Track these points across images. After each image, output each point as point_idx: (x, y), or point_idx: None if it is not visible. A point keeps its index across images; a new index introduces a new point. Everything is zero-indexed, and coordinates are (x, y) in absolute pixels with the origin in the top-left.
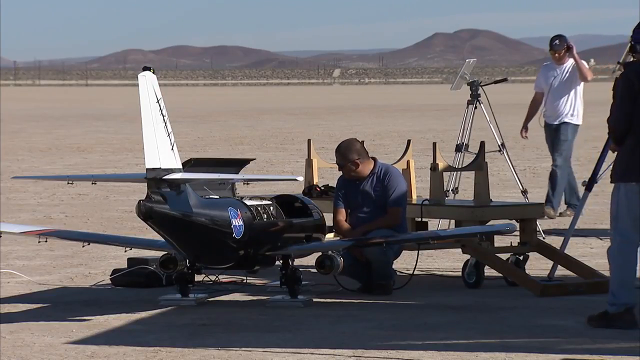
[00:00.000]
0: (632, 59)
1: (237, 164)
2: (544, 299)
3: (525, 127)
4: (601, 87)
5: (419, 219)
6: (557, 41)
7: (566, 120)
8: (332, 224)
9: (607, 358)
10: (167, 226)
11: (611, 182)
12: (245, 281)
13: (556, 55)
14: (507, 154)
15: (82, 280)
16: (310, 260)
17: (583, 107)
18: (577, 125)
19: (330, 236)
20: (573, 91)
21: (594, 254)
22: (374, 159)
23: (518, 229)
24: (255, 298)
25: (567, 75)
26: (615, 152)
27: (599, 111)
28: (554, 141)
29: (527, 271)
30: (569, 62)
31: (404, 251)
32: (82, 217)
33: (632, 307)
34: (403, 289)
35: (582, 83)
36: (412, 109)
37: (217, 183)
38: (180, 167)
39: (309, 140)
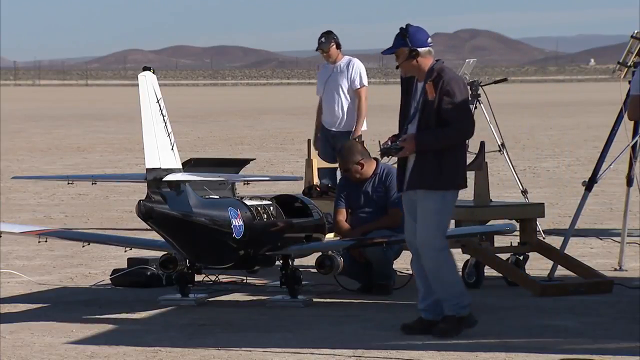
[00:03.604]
0: (635, 59)
1: (237, 164)
2: (544, 299)
3: (317, 139)
4: (602, 87)
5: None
6: (323, 39)
7: (345, 127)
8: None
9: (607, 358)
10: (167, 226)
11: (418, 189)
12: (245, 281)
13: (324, 54)
14: (507, 154)
15: (82, 280)
16: (310, 260)
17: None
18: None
19: (330, 236)
20: (349, 92)
21: (594, 254)
22: (376, 159)
23: (518, 229)
24: (255, 298)
25: (340, 74)
26: (396, 159)
27: (599, 111)
28: (333, 149)
29: (527, 271)
30: (344, 60)
31: (404, 251)
32: (82, 217)
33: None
34: (403, 289)
35: (364, 84)
36: None
37: (217, 183)
38: (180, 167)
39: (309, 140)
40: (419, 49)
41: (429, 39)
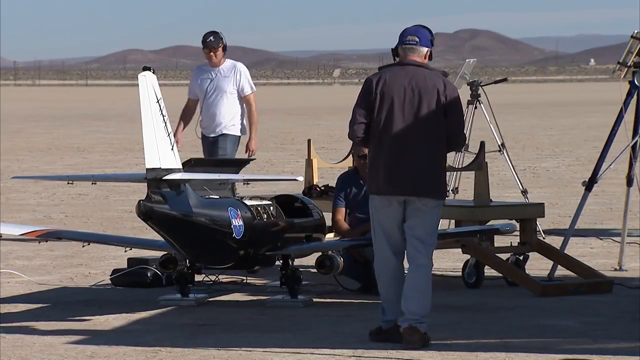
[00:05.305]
0: (635, 59)
1: (237, 164)
2: (544, 299)
3: (176, 139)
4: (601, 87)
5: None
6: (212, 37)
7: (224, 131)
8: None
9: (607, 358)
10: (167, 226)
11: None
12: (245, 281)
13: (211, 54)
14: (507, 154)
15: (82, 280)
16: (310, 260)
17: (242, 116)
18: (238, 136)
19: (330, 236)
20: (232, 97)
21: (594, 254)
22: None
23: (518, 229)
24: (255, 298)
25: (224, 78)
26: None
27: (599, 111)
28: (212, 156)
29: (527, 271)
30: (227, 64)
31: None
32: (82, 217)
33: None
34: None
35: (254, 89)
36: None
37: (217, 183)
38: (180, 167)
39: (309, 140)
40: (400, 47)
41: (408, 36)
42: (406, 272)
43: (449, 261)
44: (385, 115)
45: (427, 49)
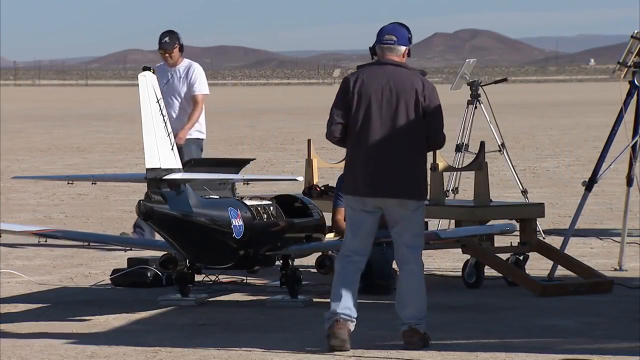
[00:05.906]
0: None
1: (237, 164)
2: (544, 299)
3: None
4: (601, 87)
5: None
6: (167, 38)
7: (187, 136)
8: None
9: (607, 358)
10: (167, 226)
11: None
12: (245, 281)
13: (166, 55)
14: (507, 154)
15: (82, 280)
16: (310, 260)
17: (205, 118)
18: (201, 139)
19: (330, 236)
20: (188, 98)
21: (594, 254)
22: None
23: (518, 229)
24: (255, 298)
25: (179, 80)
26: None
27: (599, 111)
28: None
29: (527, 271)
30: (183, 64)
31: None
32: (82, 217)
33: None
34: None
35: (203, 91)
36: None
37: (217, 183)
38: (180, 167)
39: (309, 140)
40: (378, 46)
41: (386, 35)
42: (398, 273)
43: (449, 261)
44: (363, 115)
45: (405, 47)
